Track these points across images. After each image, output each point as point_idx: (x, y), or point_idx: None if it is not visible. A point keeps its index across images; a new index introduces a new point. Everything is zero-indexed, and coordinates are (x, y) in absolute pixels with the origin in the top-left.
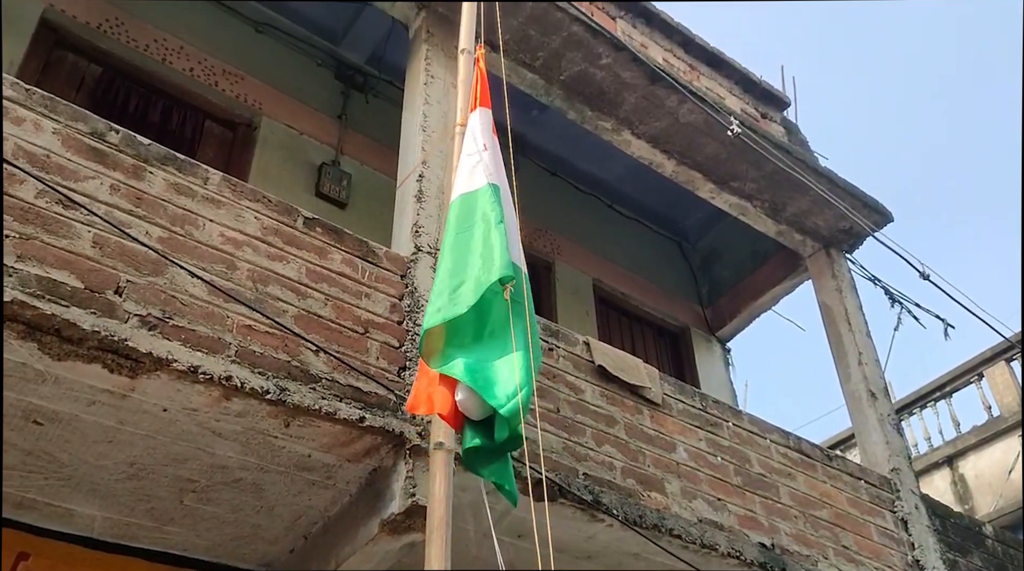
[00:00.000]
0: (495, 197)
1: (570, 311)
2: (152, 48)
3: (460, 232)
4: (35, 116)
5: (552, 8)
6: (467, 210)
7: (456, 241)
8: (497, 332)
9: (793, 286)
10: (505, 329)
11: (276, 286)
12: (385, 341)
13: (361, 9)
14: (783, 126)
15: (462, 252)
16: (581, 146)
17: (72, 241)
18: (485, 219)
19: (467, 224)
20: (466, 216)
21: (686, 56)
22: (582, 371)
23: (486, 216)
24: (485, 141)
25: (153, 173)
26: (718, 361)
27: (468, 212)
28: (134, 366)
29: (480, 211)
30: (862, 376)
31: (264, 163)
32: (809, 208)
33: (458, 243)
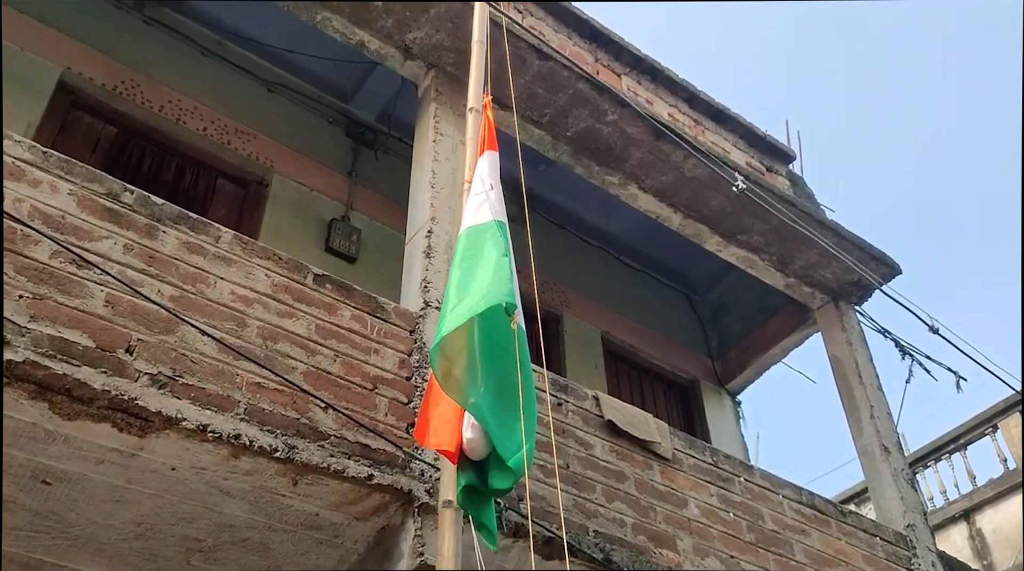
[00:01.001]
0: (501, 232)
1: (579, 364)
2: (167, 109)
3: (466, 260)
4: (52, 178)
5: (558, 67)
6: (473, 241)
7: (463, 268)
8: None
9: (803, 338)
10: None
11: (286, 343)
12: (394, 397)
13: (372, 68)
14: (789, 179)
15: (468, 277)
16: (588, 199)
17: (85, 300)
18: (491, 250)
19: (473, 252)
20: (472, 245)
21: (691, 111)
22: (592, 426)
23: (493, 247)
24: (492, 181)
25: (166, 232)
26: (728, 414)
27: (474, 243)
28: (144, 425)
29: (487, 243)
30: (875, 430)
31: (275, 219)
32: (817, 261)
33: (464, 270)
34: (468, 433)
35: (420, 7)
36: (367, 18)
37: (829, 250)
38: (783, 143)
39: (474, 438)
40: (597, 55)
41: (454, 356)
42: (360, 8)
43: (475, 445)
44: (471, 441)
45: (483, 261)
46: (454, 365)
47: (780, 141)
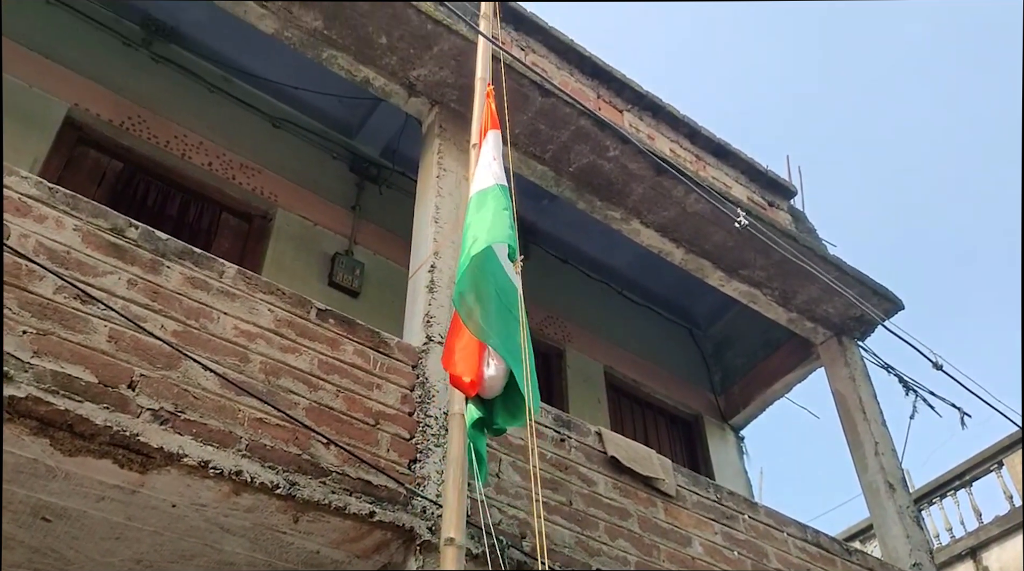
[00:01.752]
0: (503, 192)
1: (582, 399)
2: (172, 144)
3: (473, 214)
4: (58, 214)
5: (560, 103)
6: (481, 200)
7: (471, 222)
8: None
9: (806, 373)
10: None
11: (288, 378)
12: (396, 433)
13: (376, 104)
14: (790, 214)
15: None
16: (591, 234)
17: (88, 336)
18: (492, 205)
19: (482, 209)
20: (479, 204)
21: (692, 147)
22: (594, 462)
23: (494, 203)
24: (495, 154)
25: (170, 267)
26: (732, 449)
27: (480, 202)
28: (145, 461)
29: (489, 201)
30: (879, 466)
31: (278, 253)
32: (819, 296)
33: (472, 223)
34: (491, 371)
35: (424, 45)
36: (372, 56)
37: (831, 285)
38: (784, 178)
39: (496, 376)
40: (599, 91)
41: (472, 304)
42: (365, 46)
43: (494, 384)
44: (492, 379)
45: (487, 213)
46: (473, 311)
47: (781, 176)
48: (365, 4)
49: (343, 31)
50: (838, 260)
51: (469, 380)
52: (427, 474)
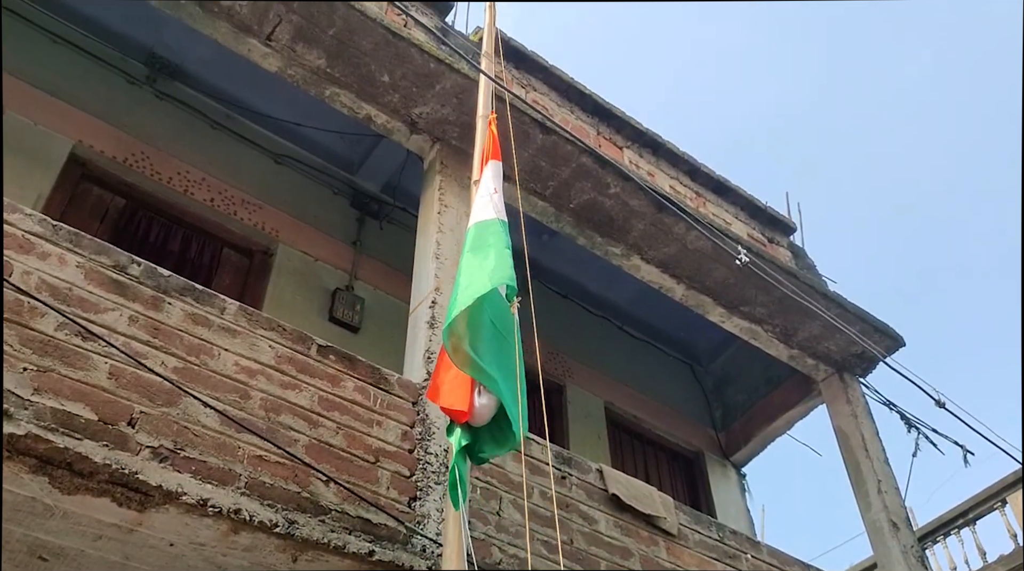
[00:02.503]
0: (503, 229)
1: (582, 435)
2: (175, 180)
3: (474, 249)
4: (60, 251)
5: (561, 141)
6: (480, 234)
7: (472, 256)
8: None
9: (808, 410)
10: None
11: (288, 415)
12: (396, 471)
13: (378, 141)
14: (790, 250)
15: (476, 263)
16: (591, 269)
17: (89, 373)
18: (495, 242)
19: (480, 243)
20: (479, 237)
21: (692, 183)
22: (595, 500)
23: (496, 241)
24: (495, 186)
25: (171, 304)
26: (734, 487)
27: (481, 235)
28: (143, 499)
29: (491, 237)
30: (882, 505)
31: (279, 289)
32: (820, 333)
33: (473, 256)
34: (482, 399)
35: (426, 83)
36: (374, 93)
37: (832, 322)
38: (784, 215)
39: (487, 404)
40: (599, 129)
41: (462, 333)
42: (368, 84)
43: (484, 412)
44: (483, 407)
45: (488, 251)
46: (462, 341)
47: (781, 213)
48: (367, 43)
49: (346, 69)
50: (839, 297)
51: (460, 409)
52: (427, 512)
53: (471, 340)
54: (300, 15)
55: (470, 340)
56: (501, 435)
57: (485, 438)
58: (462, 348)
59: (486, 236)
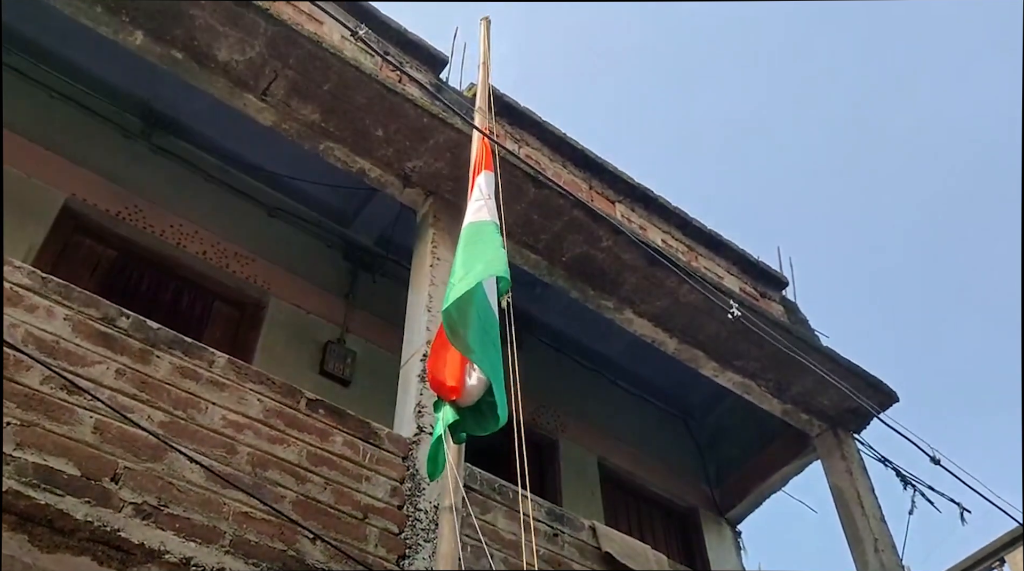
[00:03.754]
0: (496, 230)
1: (575, 490)
2: (168, 233)
3: (469, 245)
4: (48, 303)
5: (554, 195)
6: (474, 233)
7: (467, 252)
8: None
9: (802, 466)
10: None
11: (275, 470)
12: (385, 527)
13: (371, 194)
14: (782, 305)
15: (471, 258)
16: (584, 322)
17: (73, 427)
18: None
19: (475, 241)
20: (474, 236)
21: (684, 237)
22: (588, 558)
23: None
24: (488, 193)
25: (160, 357)
26: (729, 544)
27: (475, 233)
28: (125, 558)
29: (486, 236)
30: (879, 564)
31: (270, 342)
32: (814, 388)
33: (468, 253)
34: (472, 380)
35: (420, 138)
36: (368, 147)
37: (826, 377)
38: (776, 269)
39: (476, 385)
40: (591, 183)
41: (458, 318)
42: (362, 138)
43: (472, 392)
44: (472, 388)
45: (483, 248)
46: (457, 325)
47: (773, 267)
48: (362, 98)
49: (340, 123)
50: (832, 352)
51: (452, 385)
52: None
53: (464, 325)
54: (295, 71)
55: (464, 325)
56: (483, 418)
57: (469, 421)
58: (457, 331)
59: (480, 234)
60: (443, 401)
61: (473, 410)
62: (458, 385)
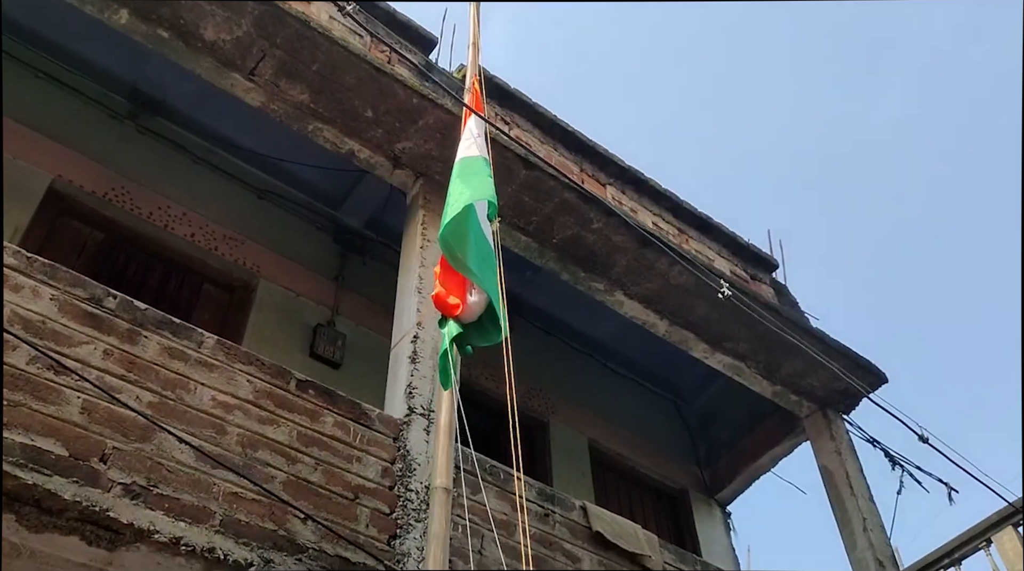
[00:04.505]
0: (487, 164)
1: (566, 472)
2: (155, 215)
3: (460, 176)
4: (34, 283)
5: (545, 176)
6: (466, 166)
7: (459, 182)
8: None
9: (792, 447)
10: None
11: (266, 451)
12: (376, 507)
13: (361, 176)
14: (773, 287)
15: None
16: (575, 305)
17: (60, 407)
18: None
19: (467, 174)
20: (466, 169)
21: (675, 220)
22: (579, 538)
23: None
24: (479, 132)
25: (147, 337)
26: (719, 525)
27: (467, 167)
28: (113, 538)
29: (476, 167)
30: (868, 543)
31: (259, 324)
32: (803, 369)
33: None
34: (473, 297)
35: (410, 119)
36: (358, 128)
37: (815, 358)
38: (766, 252)
39: (477, 301)
40: (582, 166)
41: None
42: (351, 119)
43: (474, 309)
44: (474, 304)
45: (473, 178)
46: (454, 248)
47: (763, 250)
48: (351, 78)
49: (329, 104)
50: (821, 333)
51: (454, 303)
52: (407, 550)
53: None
54: (283, 50)
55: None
56: (486, 332)
57: (473, 335)
58: (456, 255)
59: (472, 168)
60: (447, 318)
61: (476, 325)
62: (460, 303)
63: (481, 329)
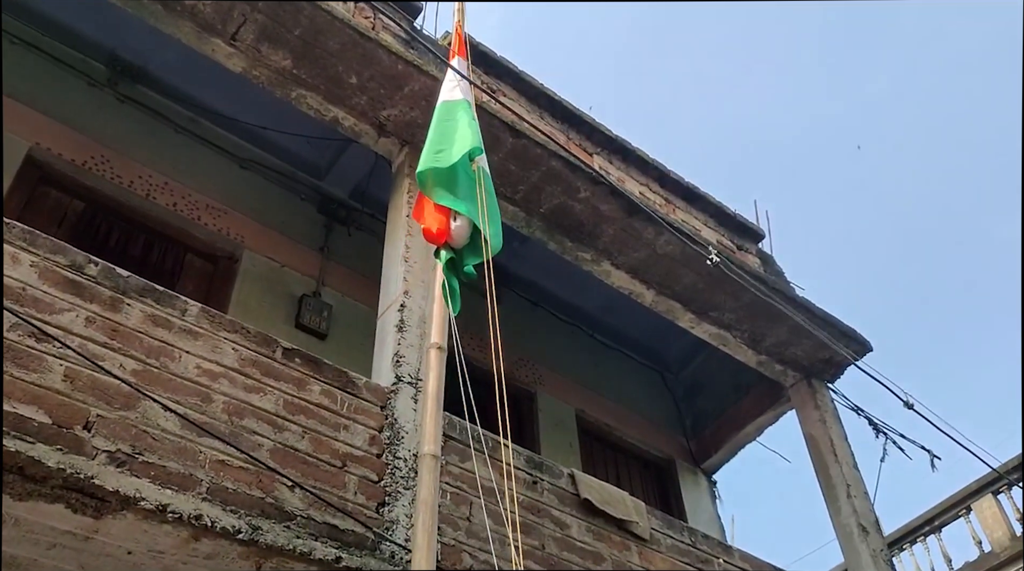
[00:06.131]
0: (469, 107)
1: (553, 443)
2: (136, 184)
3: (442, 122)
4: (13, 250)
5: (532, 144)
6: (448, 111)
7: (440, 127)
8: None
9: (777, 416)
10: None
11: (252, 419)
12: (363, 475)
13: (345, 146)
14: (759, 257)
15: (446, 134)
16: (562, 277)
17: (43, 375)
18: (462, 117)
19: (448, 118)
20: (448, 113)
21: (662, 190)
22: (567, 505)
23: (464, 115)
24: (463, 74)
25: (130, 305)
26: (704, 494)
27: (449, 111)
28: (99, 506)
29: (459, 112)
30: (852, 510)
31: (244, 295)
32: (788, 338)
33: (442, 129)
34: (456, 223)
35: (395, 85)
36: (342, 95)
37: (800, 327)
38: (752, 222)
39: (461, 226)
40: (569, 135)
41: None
42: (335, 85)
43: (460, 233)
44: (458, 228)
45: (457, 124)
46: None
47: (750, 220)
48: (335, 44)
49: (312, 70)
50: (807, 302)
51: (437, 229)
52: (396, 517)
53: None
54: (265, 14)
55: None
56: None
57: (468, 257)
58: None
59: (454, 112)
60: (440, 249)
61: (471, 247)
62: (444, 229)
63: (475, 249)
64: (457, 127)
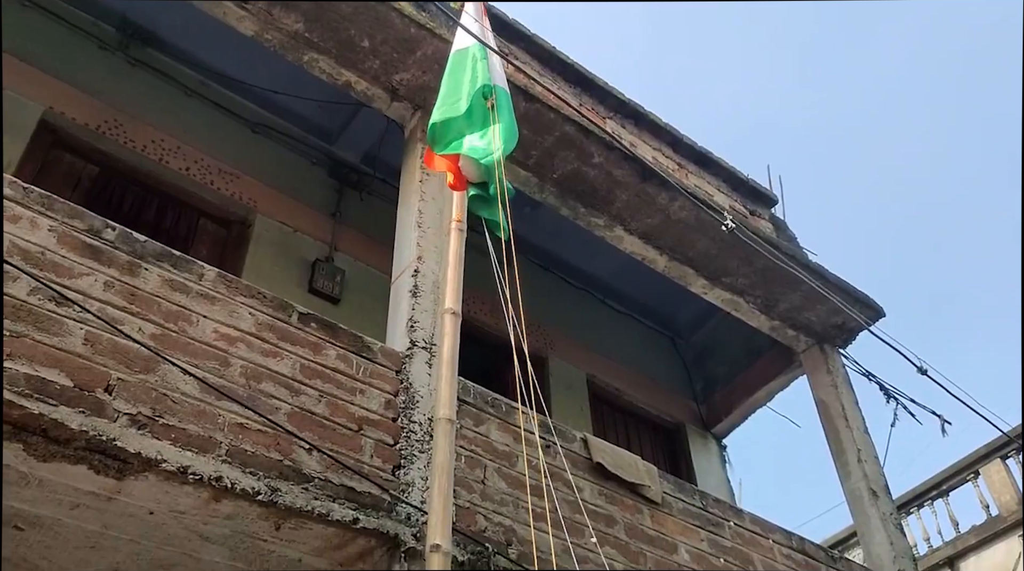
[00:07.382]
0: (482, 51)
1: (564, 407)
2: (150, 148)
3: (455, 70)
4: (32, 214)
5: (544, 108)
6: (461, 58)
7: (453, 76)
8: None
9: (788, 381)
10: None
11: (269, 383)
12: (379, 439)
13: (357, 110)
14: (771, 223)
15: (458, 82)
16: (574, 242)
17: (63, 338)
18: (473, 60)
19: (461, 66)
20: (461, 61)
21: (675, 155)
22: (580, 469)
23: (474, 59)
24: (475, 18)
25: (148, 269)
26: (714, 458)
27: (462, 59)
28: (121, 467)
29: (470, 57)
30: (862, 474)
31: (257, 260)
32: (801, 304)
33: (455, 77)
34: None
35: (407, 49)
36: (354, 59)
37: (814, 292)
38: (765, 187)
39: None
40: (581, 99)
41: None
42: (347, 49)
43: (469, 168)
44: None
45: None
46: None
47: (762, 185)
48: (347, 6)
49: (325, 34)
50: (820, 267)
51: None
52: (411, 480)
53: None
54: None
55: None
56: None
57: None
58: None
59: (466, 58)
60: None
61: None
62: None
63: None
64: (467, 74)
